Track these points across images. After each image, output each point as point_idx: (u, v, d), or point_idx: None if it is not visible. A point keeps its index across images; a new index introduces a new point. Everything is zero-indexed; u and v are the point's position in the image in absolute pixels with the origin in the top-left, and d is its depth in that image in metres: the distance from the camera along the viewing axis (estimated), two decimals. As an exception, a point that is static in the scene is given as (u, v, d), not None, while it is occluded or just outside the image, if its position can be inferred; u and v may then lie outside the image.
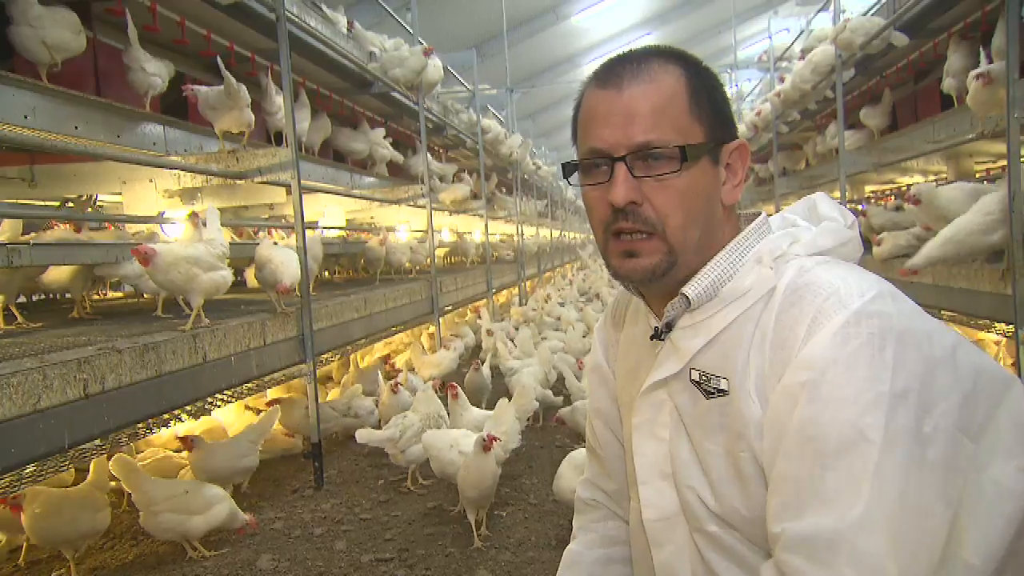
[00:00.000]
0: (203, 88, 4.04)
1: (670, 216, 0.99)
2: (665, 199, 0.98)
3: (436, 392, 4.52)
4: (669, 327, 1.05)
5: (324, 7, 5.85)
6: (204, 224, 3.54)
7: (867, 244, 5.95)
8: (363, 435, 4.08)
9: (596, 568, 1.27)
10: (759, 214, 1.07)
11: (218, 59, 4.12)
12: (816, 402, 0.84)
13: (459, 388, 4.44)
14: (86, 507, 3.18)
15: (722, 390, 0.97)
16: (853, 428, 0.81)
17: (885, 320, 0.85)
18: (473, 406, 4.61)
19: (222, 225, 4.82)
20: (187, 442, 3.76)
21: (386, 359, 6.75)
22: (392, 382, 4.98)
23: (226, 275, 3.33)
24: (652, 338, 1.08)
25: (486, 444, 3.35)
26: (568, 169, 1.07)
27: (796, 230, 1.03)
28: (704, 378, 0.99)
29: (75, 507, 3.14)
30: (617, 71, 1.01)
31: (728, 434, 0.96)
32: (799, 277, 0.94)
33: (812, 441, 0.84)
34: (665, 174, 0.97)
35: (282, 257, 3.90)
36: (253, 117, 4.26)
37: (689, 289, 1.00)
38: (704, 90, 1.01)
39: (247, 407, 5.15)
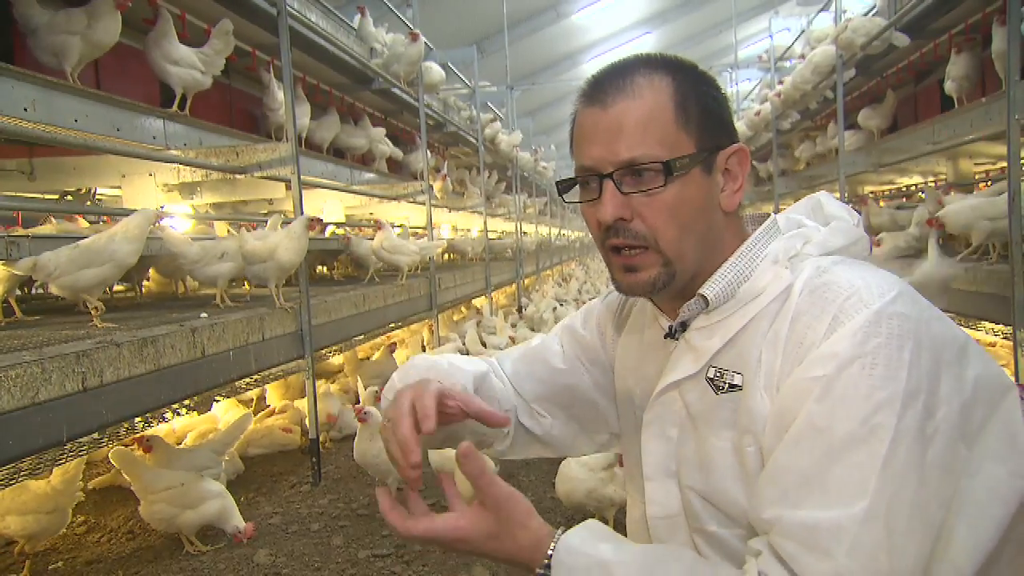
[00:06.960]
0: None
1: (661, 230, 0.99)
2: (654, 214, 0.98)
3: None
4: (684, 326, 1.05)
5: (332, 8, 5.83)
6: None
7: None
8: None
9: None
10: (767, 215, 1.08)
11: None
12: (830, 396, 0.84)
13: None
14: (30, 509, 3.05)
15: (736, 385, 0.97)
16: (864, 424, 0.82)
17: (905, 322, 0.86)
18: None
19: (220, 219, 4.84)
20: (144, 443, 3.49)
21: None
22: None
23: None
24: (666, 337, 1.09)
25: None
26: (563, 186, 1.09)
27: (806, 230, 1.04)
28: (718, 374, 1.00)
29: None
30: (603, 87, 1.00)
31: (736, 429, 0.97)
32: (817, 276, 0.94)
33: (821, 434, 0.84)
34: (653, 189, 0.98)
35: (286, 246, 3.88)
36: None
37: (707, 290, 1.00)
38: (693, 97, 1.00)
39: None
